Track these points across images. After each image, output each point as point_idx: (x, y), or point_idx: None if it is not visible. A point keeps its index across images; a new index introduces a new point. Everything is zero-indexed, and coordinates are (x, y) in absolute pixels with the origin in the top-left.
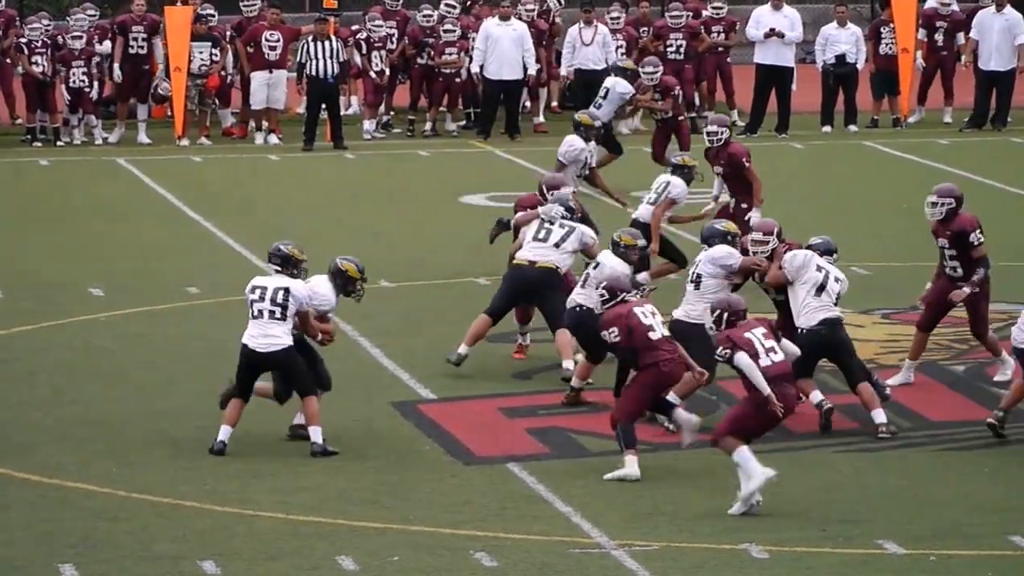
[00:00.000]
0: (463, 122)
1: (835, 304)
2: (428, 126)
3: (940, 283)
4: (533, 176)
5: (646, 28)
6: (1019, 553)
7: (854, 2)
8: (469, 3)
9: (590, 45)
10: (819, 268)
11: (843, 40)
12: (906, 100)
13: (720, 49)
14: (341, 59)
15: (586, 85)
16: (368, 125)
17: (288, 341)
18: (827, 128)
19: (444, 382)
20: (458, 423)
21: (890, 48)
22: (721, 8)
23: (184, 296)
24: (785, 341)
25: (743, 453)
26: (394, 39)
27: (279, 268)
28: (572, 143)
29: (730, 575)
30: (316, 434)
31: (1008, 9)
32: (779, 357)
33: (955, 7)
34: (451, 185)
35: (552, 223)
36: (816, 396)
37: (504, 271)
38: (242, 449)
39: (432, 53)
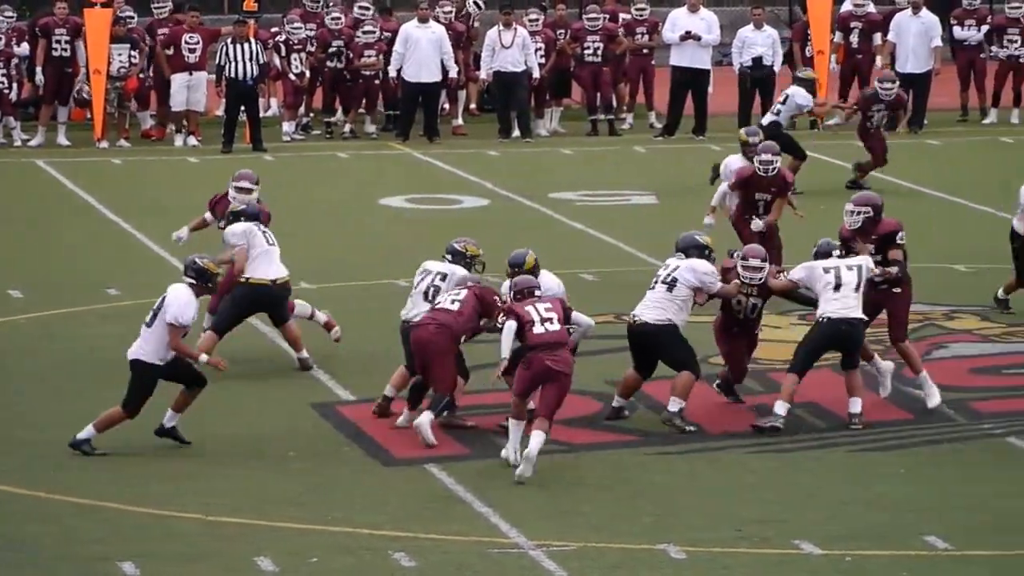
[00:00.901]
0: (382, 124)
1: (858, 289)
2: (347, 128)
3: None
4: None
5: (563, 30)
6: (934, 553)
7: (771, 5)
8: (389, 6)
9: (509, 47)
10: (826, 270)
11: (760, 43)
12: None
13: (644, 51)
14: (260, 61)
15: (505, 87)
16: (287, 127)
17: (139, 353)
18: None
19: (363, 383)
20: (377, 424)
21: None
22: (644, 9)
23: (104, 298)
24: (576, 313)
25: (513, 424)
26: (314, 41)
27: (192, 281)
28: (729, 164)
29: (647, 575)
30: (90, 431)
31: (924, 12)
32: (555, 327)
33: (871, 8)
34: (370, 187)
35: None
36: (781, 407)
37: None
38: (164, 451)
39: (350, 56)
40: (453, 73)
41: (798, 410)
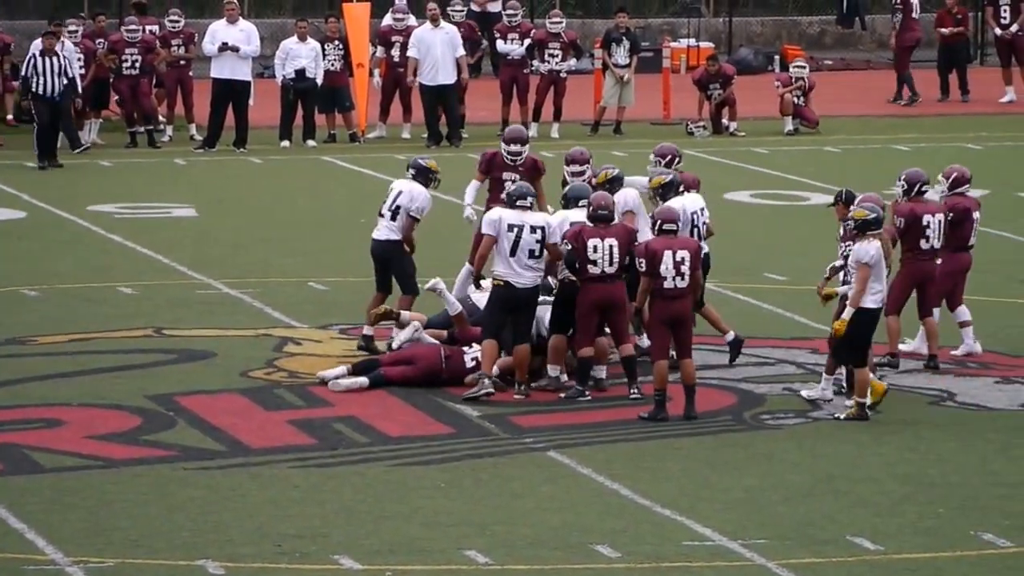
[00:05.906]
0: None
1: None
2: None
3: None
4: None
5: (103, 41)
6: (474, 567)
7: (314, 17)
8: None
9: None
10: (511, 227)
11: (304, 55)
12: (363, 115)
13: (182, 62)
14: (69, 75)
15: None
16: None
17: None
18: (285, 143)
19: None
20: None
21: (332, 64)
22: (178, 21)
23: None
24: None
25: None
26: None
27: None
28: None
29: None
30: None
31: (444, 24)
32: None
33: (412, 21)
34: None
35: None
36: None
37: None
38: None
39: None
40: None
41: (339, 424)
